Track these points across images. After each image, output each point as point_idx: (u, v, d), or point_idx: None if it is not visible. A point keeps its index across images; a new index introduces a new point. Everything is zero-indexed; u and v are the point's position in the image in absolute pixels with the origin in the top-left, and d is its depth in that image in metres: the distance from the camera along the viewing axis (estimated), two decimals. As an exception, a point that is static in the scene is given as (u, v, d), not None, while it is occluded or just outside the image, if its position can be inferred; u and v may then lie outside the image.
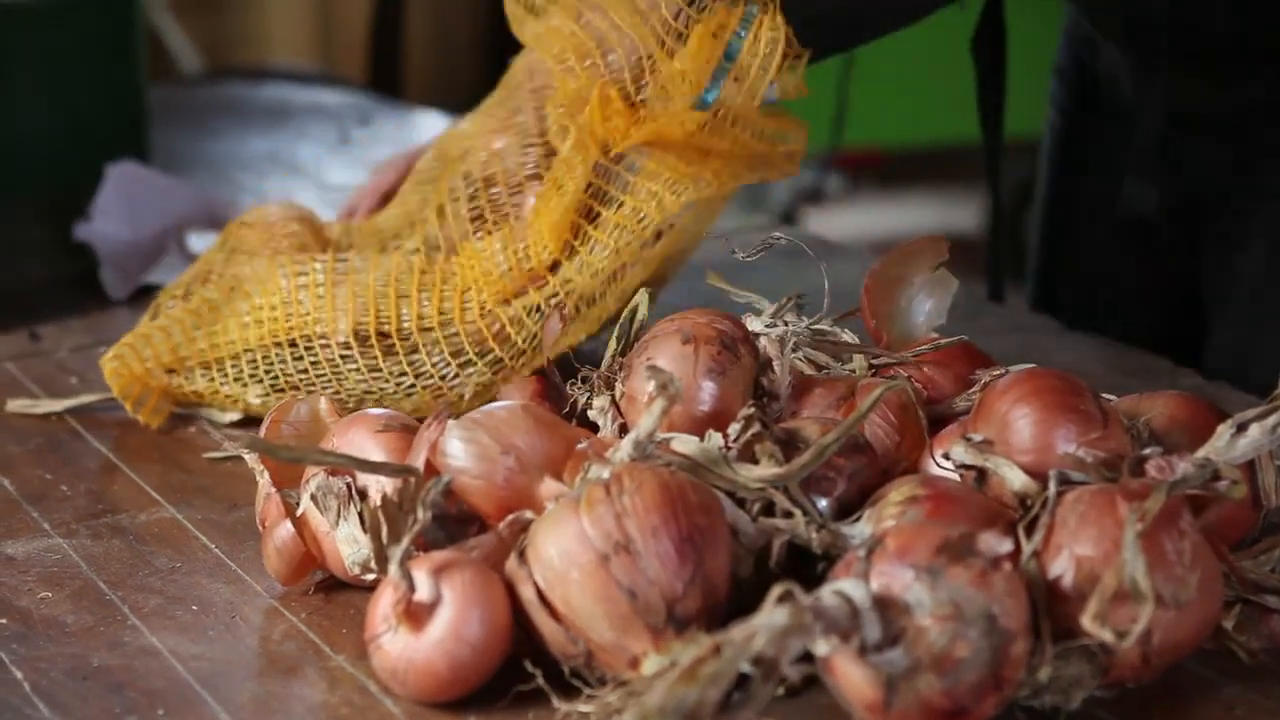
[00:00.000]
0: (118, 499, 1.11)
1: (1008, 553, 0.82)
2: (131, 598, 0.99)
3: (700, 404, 0.97)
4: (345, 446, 0.98)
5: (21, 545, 1.05)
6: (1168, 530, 0.84)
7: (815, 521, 0.88)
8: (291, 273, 1.19)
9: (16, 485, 1.13)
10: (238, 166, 1.89)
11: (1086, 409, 0.92)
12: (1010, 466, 0.90)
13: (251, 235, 1.28)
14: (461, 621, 0.86)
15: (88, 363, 1.33)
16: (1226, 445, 0.89)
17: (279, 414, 1.04)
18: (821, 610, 0.79)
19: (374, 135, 2.00)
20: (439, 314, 1.16)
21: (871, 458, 0.94)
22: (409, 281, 1.17)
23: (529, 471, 0.92)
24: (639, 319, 1.04)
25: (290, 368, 1.18)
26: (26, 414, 1.23)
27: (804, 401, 1.01)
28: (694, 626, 0.83)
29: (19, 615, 0.97)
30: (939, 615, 0.80)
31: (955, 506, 0.87)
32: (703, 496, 0.86)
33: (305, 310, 1.18)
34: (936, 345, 1.05)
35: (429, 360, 1.16)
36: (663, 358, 0.98)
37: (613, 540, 0.83)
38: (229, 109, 2.09)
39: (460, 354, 1.16)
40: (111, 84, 1.82)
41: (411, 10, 3.57)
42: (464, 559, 0.88)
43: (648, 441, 0.89)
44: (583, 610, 0.84)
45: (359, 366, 1.17)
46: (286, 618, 0.97)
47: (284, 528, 0.97)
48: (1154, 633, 0.83)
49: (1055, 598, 0.84)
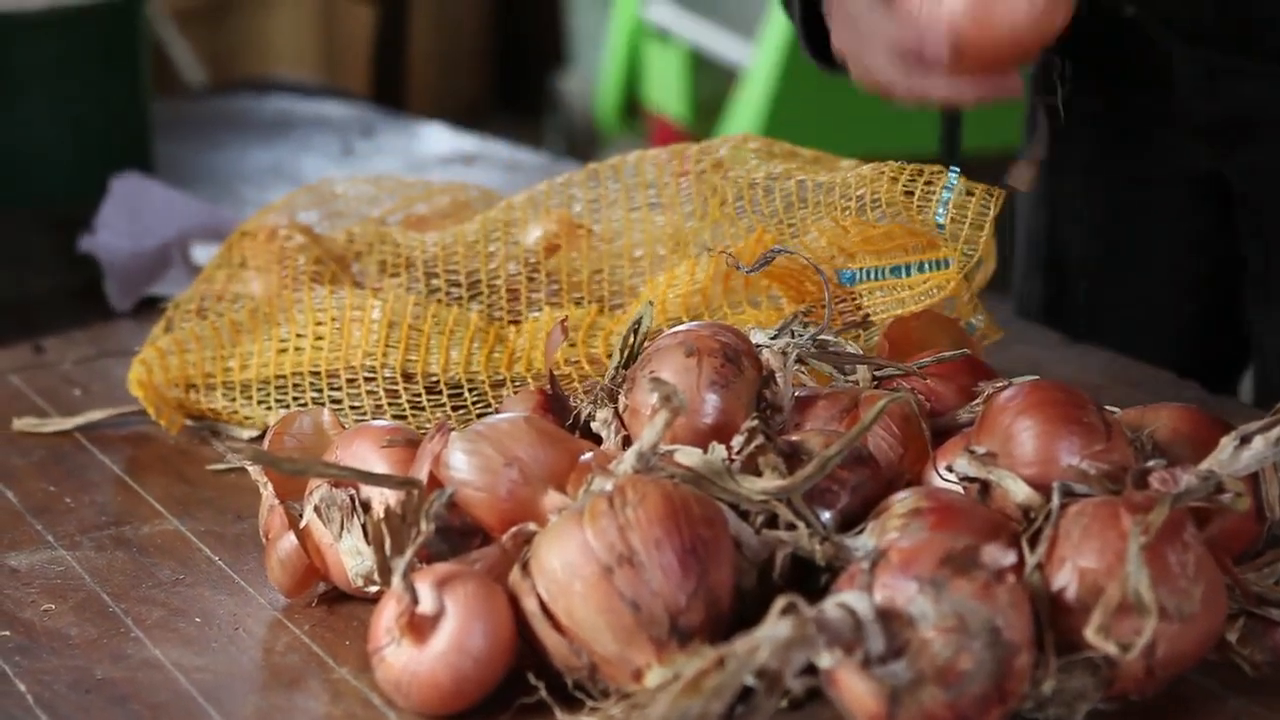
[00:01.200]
0: (121, 511, 1.11)
1: (1011, 565, 0.82)
2: (135, 610, 0.99)
3: (704, 416, 0.97)
4: (349, 459, 0.98)
5: (25, 557, 1.05)
6: (1171, 543, 0.84)
7: (819, 534, 0.88)
8: (349, 305, 1.19)
9: (20, 497, 1.13)
10: (241, 179, 1.90)
11: (1090, 421, 0.92)
12: (1014, 479, 0.90)
13: (258, 247, 1.28)
14: (465, 634, 0.86)
15: (92, 375, 1.33)
16: (1230, 458, 0.89)
17: (282, 426, 1.04)
18: (825, 622, 0.79)
19: (377, 147, 2.00)
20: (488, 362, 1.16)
21: (875, 470, 0.94)
22: (464, 333, 1.17)
23: (532, 484, 0.92)
24: (642, 331, 1.04)
25: (325, 398, 1.17)
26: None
27: (807, 414, 1.01)
28: (697, 639, 0.83)
29: (22, 627, 0.97)
30: (942, 627, 0.80)
31: (959, 519, 0.86)
32: (706, 509, 0.86)
33: (355, 342, 1.17)
34: (940, 358, 1.05)
35: (470, 399, 1.16)
36: (666, 370, 0.98)
37: (616, 552, 0.83)
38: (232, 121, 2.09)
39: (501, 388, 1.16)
40: (116, 96, 1.82)
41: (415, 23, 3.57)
42: (467, 571, 0.88)
43: (651, 454, 0.89)
44: (586, 622, 0.84)
45: (401, 402, 1.16)
46: (290, 630, 0.97)
47: (287, 540, 0.97)
48: (1158, 645, 0.83)
49: (1059, 610, 0.84)
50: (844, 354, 1.05)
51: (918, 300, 1.11)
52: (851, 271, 1.13)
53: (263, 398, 1.20)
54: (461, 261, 1.27)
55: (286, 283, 1.27)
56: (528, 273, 1.26)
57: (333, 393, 1.17)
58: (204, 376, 1.21)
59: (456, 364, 1.17)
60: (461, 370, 1.16)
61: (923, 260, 1.12)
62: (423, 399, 1.16)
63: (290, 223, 1.32)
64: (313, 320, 1.19)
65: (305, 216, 1.37)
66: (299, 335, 1.19)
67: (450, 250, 1.27)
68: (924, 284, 1.12)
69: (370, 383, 1.17)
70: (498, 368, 1.17)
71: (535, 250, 1.26)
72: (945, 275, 1.11)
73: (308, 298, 1.21)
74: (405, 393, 1.16)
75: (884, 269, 1.12)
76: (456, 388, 1.17)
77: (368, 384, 1.17)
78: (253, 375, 1.19)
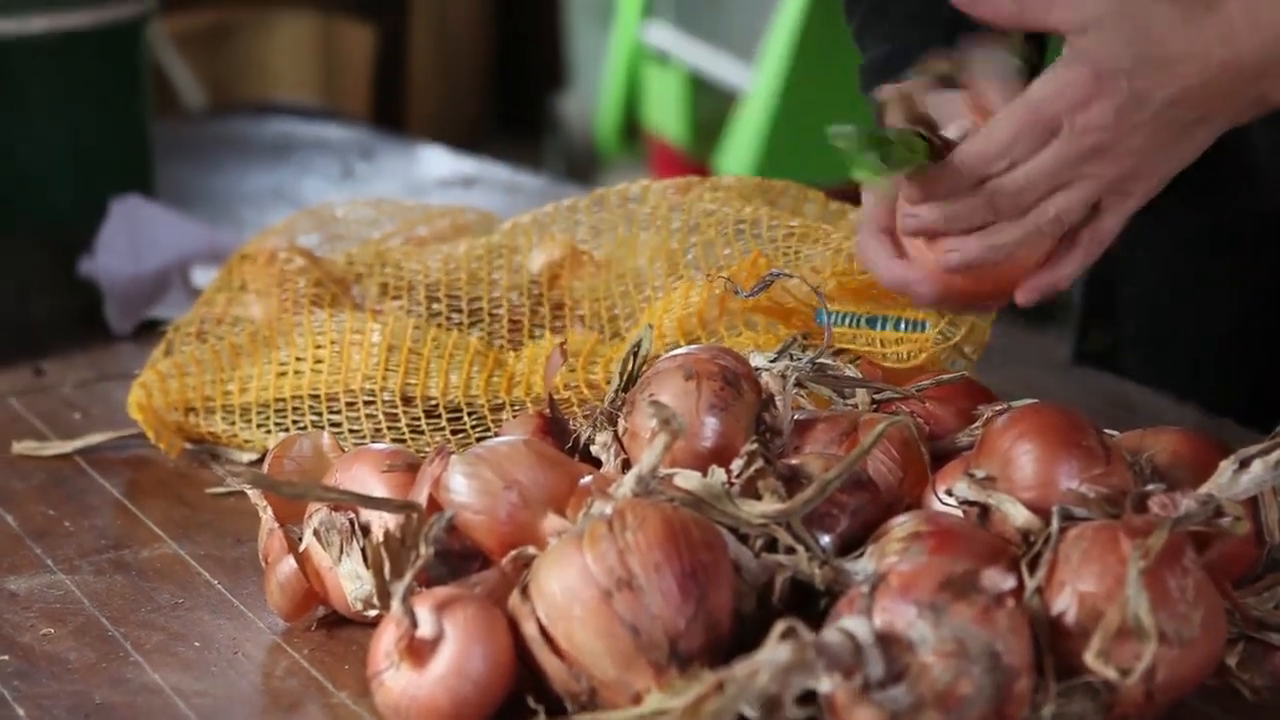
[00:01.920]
0: (120, 535, 1.11)
1: (1011, 589, 0.82)
2: (134, 634, 0.99)
3: (703, 440, 0.97)
4: (348, 482, 0.98)
5: (24, 581, 1.05)
6: (1171, 567, 0.84)
7: (818, 558, 0.88)
8: (349, 328, 1.19)
9: (20, 521, 1.13)
10: (241, 201, 1.90)
11: (1089, 445, 0.92)
12: (1013, 503, 0.90)
13: (258, 270, 1.28)
14: (464, 658, 0.86)
15: (92, 398, 1.33)
16: (1229, 481, 0.89)
17: (282, 450, 1.04)
18: (824, 647, 0.79)
19: (377, 170, 2.01)
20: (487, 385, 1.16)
21: (874, 494, 0.94)
22: (463, 357, 1.17)
23: (532, 507, 0.92)
24: (641, 355, 1.04)
25: (324, 422, 1.17)
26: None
27: (806, 437, 1.01)
28: (697, 663, 0.83)
29: (21, 651, 0.97)
30: (942, 652, 0.80)
31: (958, 543, 0.86)
32: (705, 532, 0.86)
33: (355, 366, 1.17)
34: (938, 381, 1.05)
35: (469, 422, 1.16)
36: (665, 393, 0.98)
37: (615, 576, 0.83)
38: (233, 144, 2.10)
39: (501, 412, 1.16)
40: (116, 119, 1.82)
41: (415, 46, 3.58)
42: (466, 595, 0.88)
43: (650, 477, 0.89)
44: (585, 646, 0.84)
45: (401, 426, 1.16)
46: (289, 654, 0.96)
47: (287, 563, 0.97)
48: (1157, 670, 0.83)
49: (1058, 634, 0.84)
50: (843, 377, 1.05)
51: (888, 360, 1.11)
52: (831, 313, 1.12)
53: (262, 421, 1.20)
54: (464, 288, 1.27)
55: (286, 306, 1.28)
56: (531, 304, 1.26)
57: (332, 416, 1.17)
58: (204, 400, 1.21)
59: (456, 388, 1.17)
60: (461, 394, 1.16)
61: (900, 317, 1.11)
62: (422, 423, 1.16)
63: (290, 246, 1.32)
64: (312, 343, 1.19)
65: (305, 240, 1.37)
66: (299, 358, 1.19)
67: (453, 275, 1.28)
68: (896, 344, 1.11)
69: (370, 406, 1.17)
70: (497, 391, 1.17)
71: (538, 279, 1.27)
72: (918, 341, 1.10)
73: (307, 321, 1.21)
74: (405, 416, 1.16)
75: (860, 317, 1.12)
76: (456, 411, 1.17)
77: (367, 407, 1.17)
78: (252, 398, 1.19)
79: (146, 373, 1.21)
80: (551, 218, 1.30)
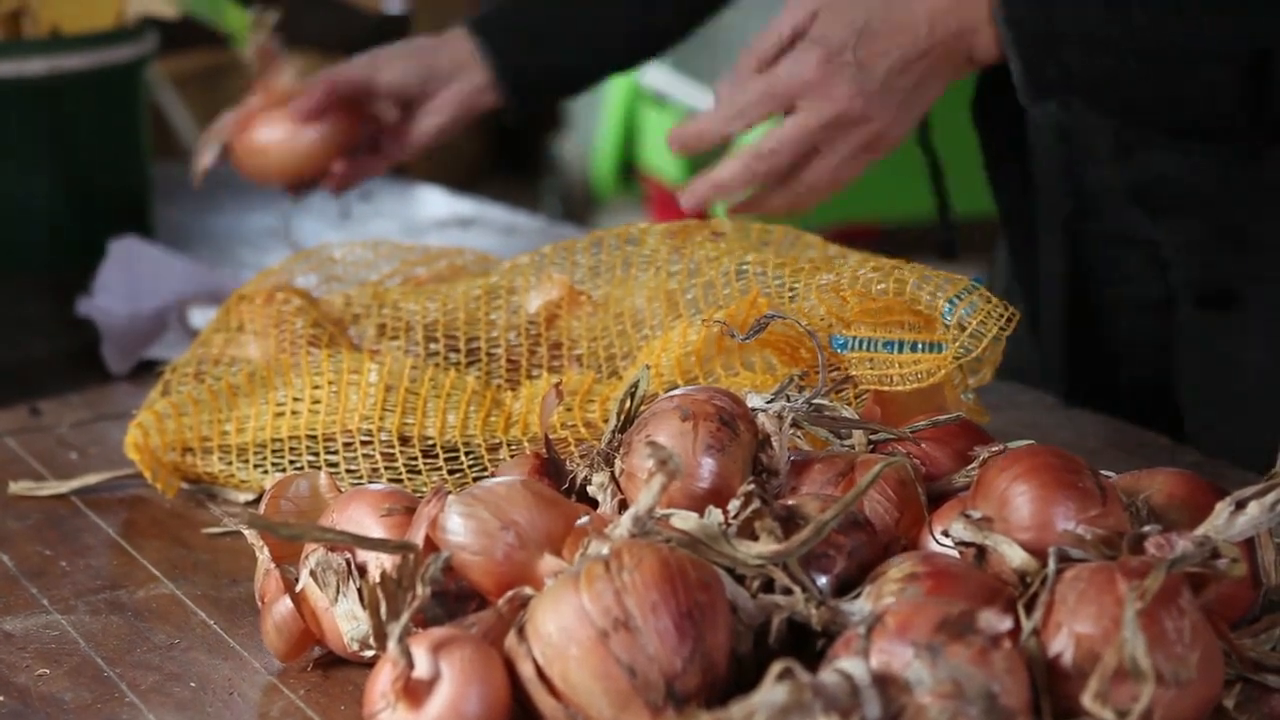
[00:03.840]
0: (116, 575, 1.11)
1: (1007, 630, 0.82)
2: (129, 674, 0.98)
3: (699, 480, 0.97)
4: (345, 523, 0.98)
5: (19, 621, 1.05)
6: (1167, 608, 0.84)
7: (815, 598, 0.88)
8: (346, 368, 1.19)
9: (16, 561, 1.13)
10: (240, 242, 1.90)
11: (1085, 486, 0.92)
12: (1009, 544, 0.90)
13: (255, 311, 1.28)
14: (460, 699, 0.86)
15: (88, 438, 1.33)
16: (1225, 523, 0.89)
17: (278, 490, 1.04)
18: (821, 688, 0.79)
19: (375, 210, 2.01)
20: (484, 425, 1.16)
21: (871, 534, 0.94)
22: (461, 397, 1.18)
23: (528, 548, 0.92)
24: (638, 396, 1.04)
25: (321, 462, 1.17)
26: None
27: (803, 478, 1.01)
28: (693, 704, 0.83)
29: (16, 692, 0.97)
30: (939, 693, 0.79)
31: (955, 584, 0.86)
32: (702, 573, 0.86)
33: (352, 406, 1.17)
34: (934, 422, 1.05)
35: (466, 462, 1.16)
36: (662, 434, 0.98)
37: (612, 617, 0.83)
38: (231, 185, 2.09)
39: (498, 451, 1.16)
40: (115, 160, 1.83)
41: (412, 87, 3.58)
42: (463, 636, 0.88)
43: (647, 518, 0.89)
44: (582, 687, 0.84)
45: (398, 466, 1.16)
46: (285, 694, 0.96)
47: (283, 604, 0.97)
48: (1154, 711, 0.83)
49: (1055, 676, 0.84)
50: (840, 418, 1.06)
51: (904, 381, 1.11)
52: (845, 338, 1.13)
53: (259, 461, 1.20)
54: (462, 328, 1.27)
55: (284, 346, 1.28)
56: (529, 345, 1.26)
57: (329, 456, 1.17)
58: (200, 440, 1.21)
59: (453, 428, 1.17)
60: (458, 434, 1.16)
61: (917, 340, 1.11)
62: (419, 463, 1.16)
63: (287, 286, 1.32)
64: (310, 384, 1.19)
65: (303, 281, 1.37)
66: (296, 399, 1.19)
67: (451, 315, 1.28)
68: (914, 365, 1.11)
69: (367, 446, 1.17)
70: (494, 431, 1.17)
71: (536, 320, 1.27)
72: (936, 360, 1.10)
73: (305, 361, 1.21)
74: (402, 456, 1.16)
75: (877, 341, 1.12)
76: (453, 451, 1.17)
77: (364, 448, 1.17)
78: (249, 439, 1.19)
79: (143, 413, 1.21)
80: (549, 258, 1.30)
